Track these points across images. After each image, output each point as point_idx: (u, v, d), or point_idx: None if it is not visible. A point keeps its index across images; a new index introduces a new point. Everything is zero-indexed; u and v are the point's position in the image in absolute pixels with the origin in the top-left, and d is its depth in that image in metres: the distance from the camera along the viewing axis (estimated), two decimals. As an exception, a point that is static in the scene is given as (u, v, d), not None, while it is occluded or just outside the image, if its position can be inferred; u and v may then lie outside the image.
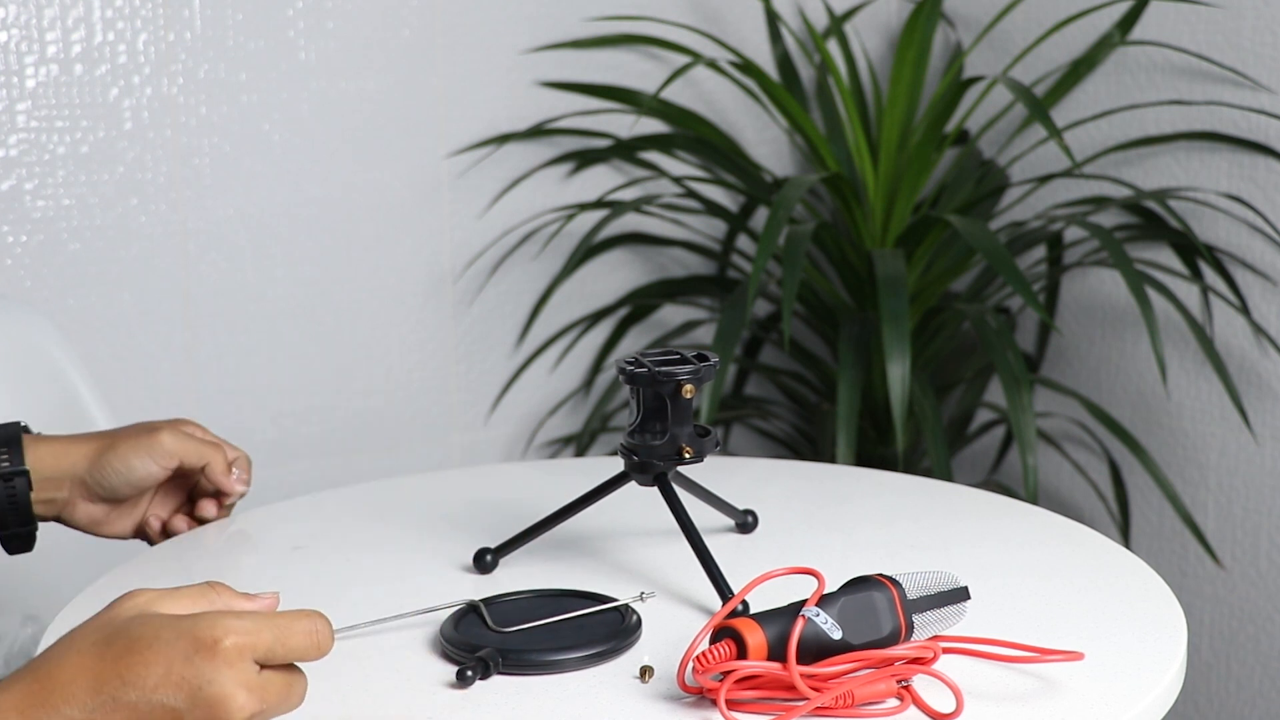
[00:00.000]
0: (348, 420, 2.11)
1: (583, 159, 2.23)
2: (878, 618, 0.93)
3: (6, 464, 1.20)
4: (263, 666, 0.80)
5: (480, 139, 2.16)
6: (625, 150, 2.23)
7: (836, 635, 0.91)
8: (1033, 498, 1.91)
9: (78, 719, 0.77)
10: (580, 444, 2.23)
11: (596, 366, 2.32)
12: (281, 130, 2.01)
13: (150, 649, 0.78)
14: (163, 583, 1.13)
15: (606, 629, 1.00)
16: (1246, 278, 2.11)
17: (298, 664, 0.82)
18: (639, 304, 2.31)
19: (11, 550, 1.24)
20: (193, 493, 1.29)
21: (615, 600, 1.04)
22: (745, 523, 1.22)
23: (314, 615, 0.82)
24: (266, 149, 2.01)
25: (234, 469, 1.26)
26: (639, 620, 1.02)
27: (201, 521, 1.27)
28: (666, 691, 0.93)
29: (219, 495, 1.27)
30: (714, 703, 0.89)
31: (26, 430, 1.25)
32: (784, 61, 2.35)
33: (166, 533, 1.27)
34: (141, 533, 1.28)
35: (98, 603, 1.10)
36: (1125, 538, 2.22)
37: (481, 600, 1.04)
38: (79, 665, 0.78)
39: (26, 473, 1.20)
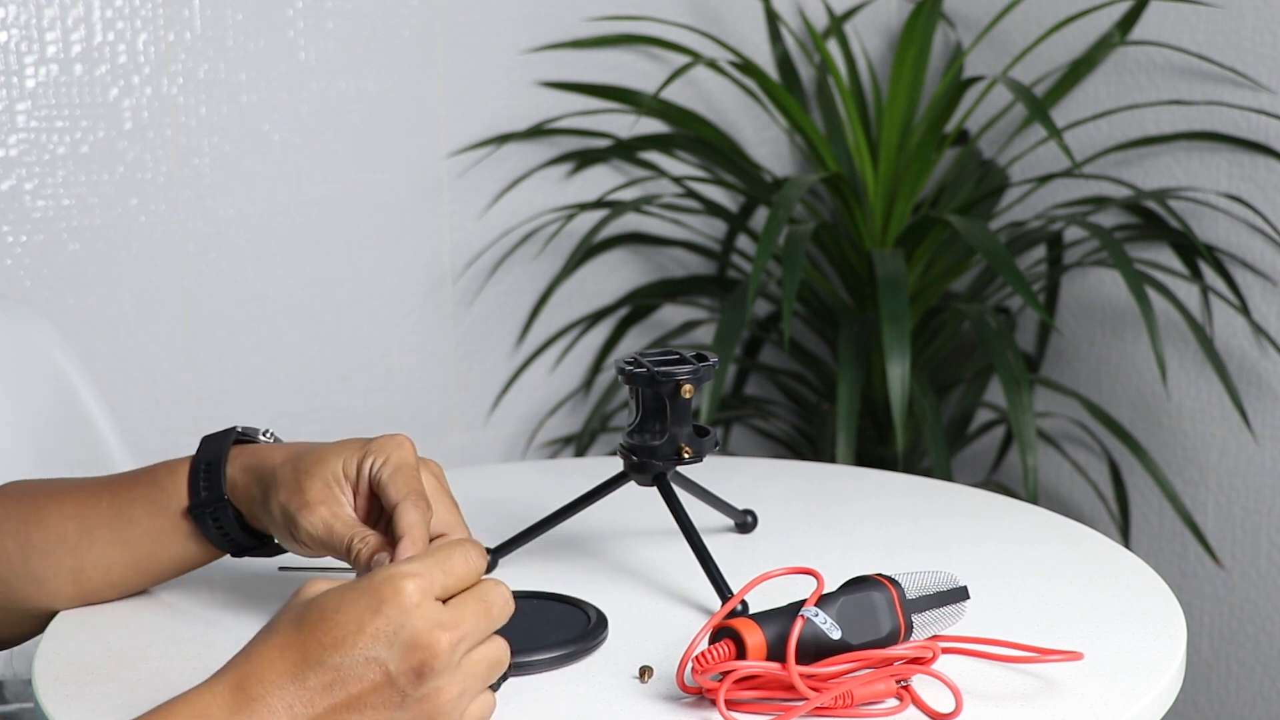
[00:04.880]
0: (348, 420, 2.11)
1: (583, 159, 2.23)
2: (877, 618, 0.93)
3: (206, 493, 1.05)
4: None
5: (480, 139, 2.16)
6: (625, 150, 2.23)
7: (836, 635, 0.91)
8: (1033, 498, 1.91)
9: (288, 699, 0.80)
10: (580, 444, 2.23)
11: (596, 366, 2.32)
12: (281, 130, 2.01)
13: (339, 612, 0.81)
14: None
15: (575, 630, 1.00)
16: (1246, 278, 2.11)
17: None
18: (639, 304, 2.31)
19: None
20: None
21: (583, 603, 1.04)
22: (745, 523, 1.22)
23: (461, 542, 0.85)
24: (266, 149, 2.01)
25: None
26: (604, 620, 1.01)
27: None
28: (666, 691, 0.93)
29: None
30: (713, 703, 0.89)
31: (246, 438, 1.09)
32: (784, 61, 2.35)
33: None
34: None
35: (96, 604, 1.10)
36: (1125, 538, 2.22)
37: None
38: (276, 649, 0.81)
39: (226, 503, 1.05)
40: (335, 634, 0.80)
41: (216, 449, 1.06)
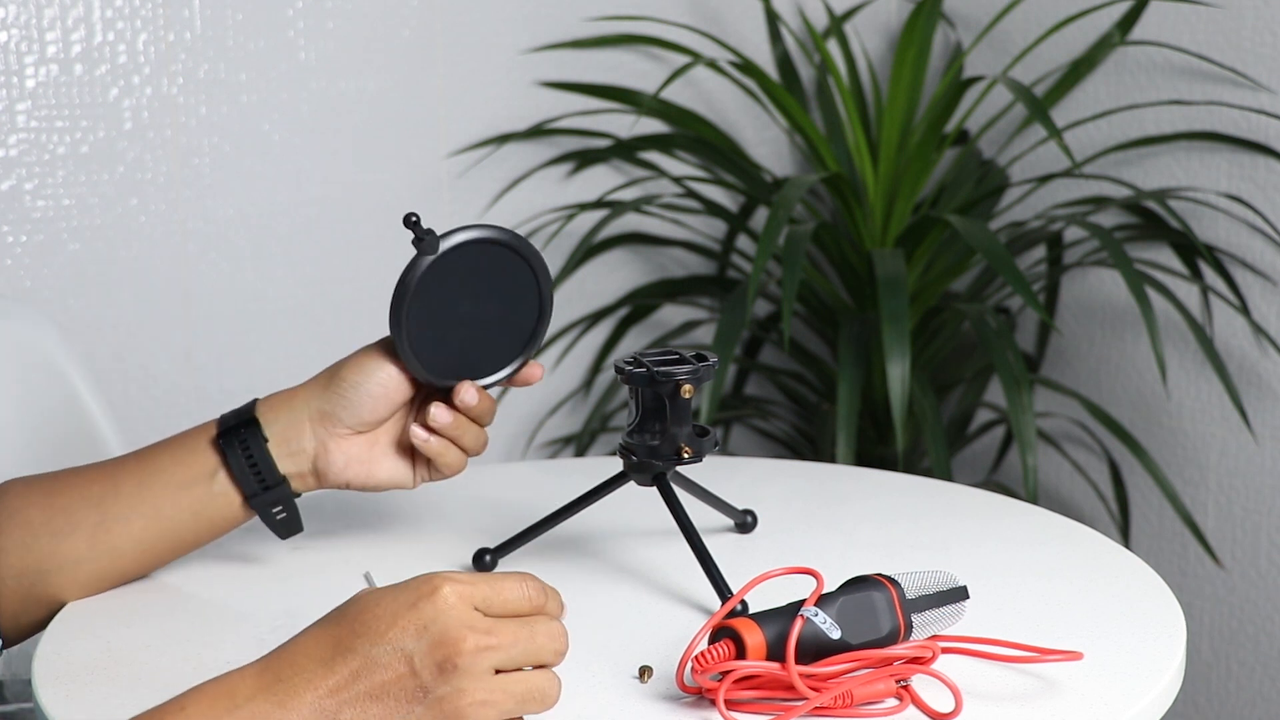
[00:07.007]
0: (348, 420, 2.11)
1: (583, 159, 2.23)
2: (877, 617, 0.93)
3: (235, 418, 1.11)
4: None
5: (480, 139, 2.16)
6: (625, 150, 2.23)
7: (835, 635, 0.91)
8: (1033, 498, 1.91)
9: (314, 681, 0.82)
10: (580, 444, 2.23)
11: (596, 366, 2.32)
12: (281, 130, 2.01)
13: (378, 605, 0.84)
14: (169, 576, 1.14)
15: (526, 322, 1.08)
16: (1246, 278, 2.11)
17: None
18: (639, 304, 2.31)
19: (283, 533, 1.15)
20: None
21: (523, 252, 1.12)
22: (745, 523, 1.23)
23: (523, 575, 0.87)
24: (266, 149, 2.01)
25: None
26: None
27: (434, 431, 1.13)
28: (665, 691, 0.93)
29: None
30: (713, 703, 0.89)
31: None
32: (784, 61, 2.35)
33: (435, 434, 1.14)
34: (411, 469, 1.16)
35: (95, 604, 1.10)
36: (1125, 538, 2.22)
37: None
38: (314, 637, 0.84)
39: (257, 422, 1.11)
40: (370, 624, 0.83)
41: (240, 408, 1.13)
